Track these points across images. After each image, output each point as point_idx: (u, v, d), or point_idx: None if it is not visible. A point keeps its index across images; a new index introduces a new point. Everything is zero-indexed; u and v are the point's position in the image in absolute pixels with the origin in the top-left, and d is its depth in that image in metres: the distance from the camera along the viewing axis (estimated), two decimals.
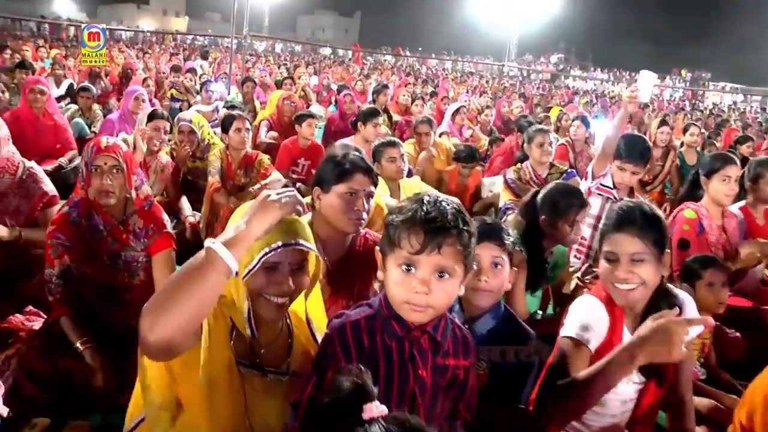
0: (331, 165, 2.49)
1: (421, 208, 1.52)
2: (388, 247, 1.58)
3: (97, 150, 2.80)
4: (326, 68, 21.63)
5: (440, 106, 9.76)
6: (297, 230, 1.70)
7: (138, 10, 66.00)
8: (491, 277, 2.13)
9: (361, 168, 2.47)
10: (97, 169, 2.78)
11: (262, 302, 1.72)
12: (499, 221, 2.41)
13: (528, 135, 4.89)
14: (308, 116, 6.26)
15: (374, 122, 5.61)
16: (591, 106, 16.47)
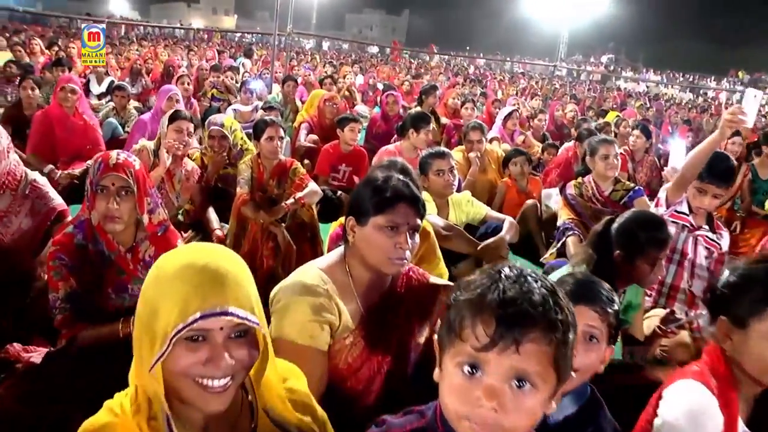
0: (369, 191, 2.03)
1: (495, 285, 1.09)
2: (447, 336, 1.15)
3: (104, 168, 2.41)
4: (372, 67, 21.25)
5: (490, 109, 9.28)
6: (229, 288, 1.21)
7: (188, 9, 66.75)
8: (582, 353, 1.63)
9: (406, 197, 2.01)
10: (102, 190, 2.40)
11: (193, 391, 1.22)
12: (598, 281, 1.86)
13: (591, 146, 4.40)
14: (351, 120, 5.86)
15: (426, 129, 5.24)
16: (645, 110, 15.75)
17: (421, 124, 5.24)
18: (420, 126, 5.24)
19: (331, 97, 6.91)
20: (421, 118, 5.30)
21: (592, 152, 4.35)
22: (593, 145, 4.37)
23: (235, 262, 1.26)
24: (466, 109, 7.94)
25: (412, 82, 14.61)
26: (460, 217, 3.94)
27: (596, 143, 4.35)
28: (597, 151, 4.31)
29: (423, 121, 5.26)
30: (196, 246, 1.31)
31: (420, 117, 5.34)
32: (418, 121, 5.26)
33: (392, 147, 5.52)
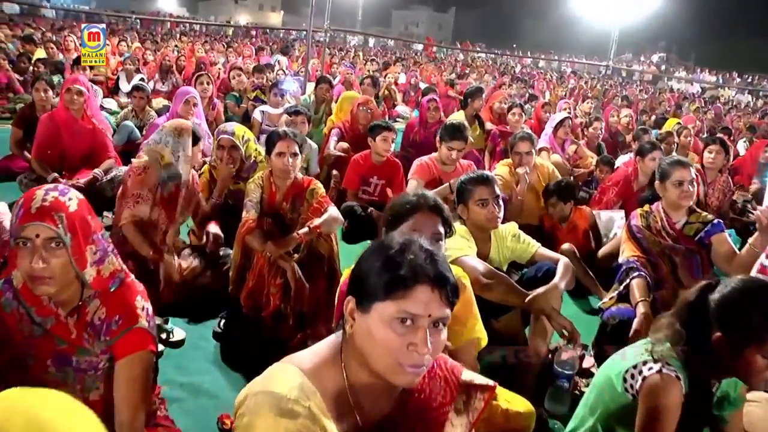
0: (377, 264, 1.45)
1: None
2: None
3: (24, 214, 1.79)
4: (415, 65, 20.59)
5: (540, 114, 8.56)
6: None
7: (236, 6, 66.87)
8: None
9: (428, 277, 1.41)
10: (25, 243, 1.79)
11: None
12: None
13: (662, 169, 3.71)
14: (384, 128, 5.28)
15: (449, 145, 4.76)
16: (702, 114, 14.81)
17: (448, 138, 4.77)
18: (445, 140, 4.78)
19: (365, 101, 6.31)
20: (453, 131, 4.77)
21: (663, 176, 3.67)
22: (665, 168, 3.69)
23: None
24: (513, 115, 7.24)
25: (457, 83, 13.97)
26: (503, 255, 3.32)
27: (668, 166, 3.67)
28: (669, 175, 3.63)
29: (454, 135, 4.76)
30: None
31: (453, 129, 4.81)
32: (449, 133, 4.80)
33: (428, 159, 4.94)
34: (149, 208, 3.54)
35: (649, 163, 5.19)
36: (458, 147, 4.73)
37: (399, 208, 2.29)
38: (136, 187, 3.53)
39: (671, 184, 3.60)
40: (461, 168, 4.89)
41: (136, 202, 3.49)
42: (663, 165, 3.72)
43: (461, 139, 4.73)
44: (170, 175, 3.62)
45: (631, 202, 5.32)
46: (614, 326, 3.26)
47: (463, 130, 4.78)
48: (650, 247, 3.59)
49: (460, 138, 4.72)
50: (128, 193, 3.54)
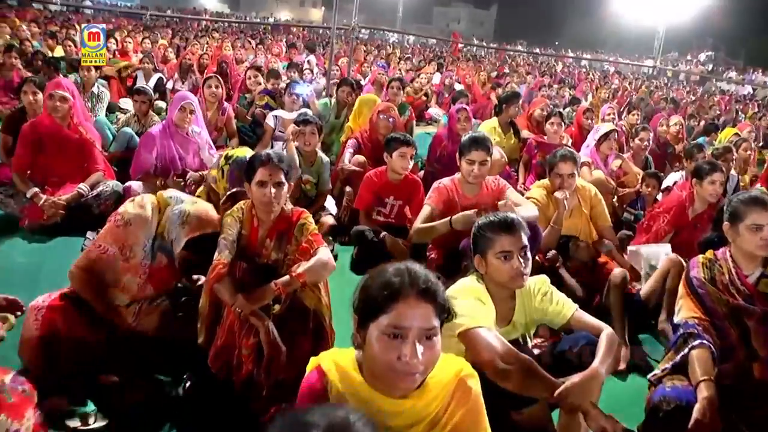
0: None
1: None
2: None
3: None
4: (452, 63, 19.85)
5: (581, 120, 7.83)
6: None
7: (277, 2, 66.71)
8: None
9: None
10: None
11: None
12: None
13: (733, 208, 3.00)
14: (401, 143, 4.67)
15: (469, 157, 4.17)
16: (758, 119, 13.82)
17: (466, 152, 4.14)
18: (464, 155, 4.15)
19: (386, 108, 5.67)
20: (471, 144, 4.13)
21: (735, 217, 2.96)
22: (737, 207, 2.98)
23: None
24: (552, 125, 6.50)
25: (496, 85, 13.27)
26: (530, 317, 2.68)
27: (742, 205, 2.96)
28: (743, 217, 2.92)
29: (469, 148, 4.12)
30: None
31: (466, 140, 4.19)
32: (462, 146, 4.19)
33: (448, 180, 4.28)
34: (116, 271, 2.94)
35: (708, 187, 4.49)
36: (479, 158, 4.07)
37: (375, 293, 1.67)
38: (108, 238, 2.95)
39: (746, 229, 2.91)
40: (488, 189, 4.26)
41: (102, 253, 2.91)
42: (735, 203, 3.02)
43: (481, 149, 4.07)
44: (161, 247, 3.04)
45: (687, 232, 4.64)
46: (668, 412, 2.58)
47: (482, 140, 4.11)
48: (715, 307, 2.90)
49: (480, 148, 4.06)
50: (101, 236, 2.98)
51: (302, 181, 5.24)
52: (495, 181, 4.34)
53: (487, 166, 4.12)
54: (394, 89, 7.56)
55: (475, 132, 4.25)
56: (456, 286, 2.58)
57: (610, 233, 4.57)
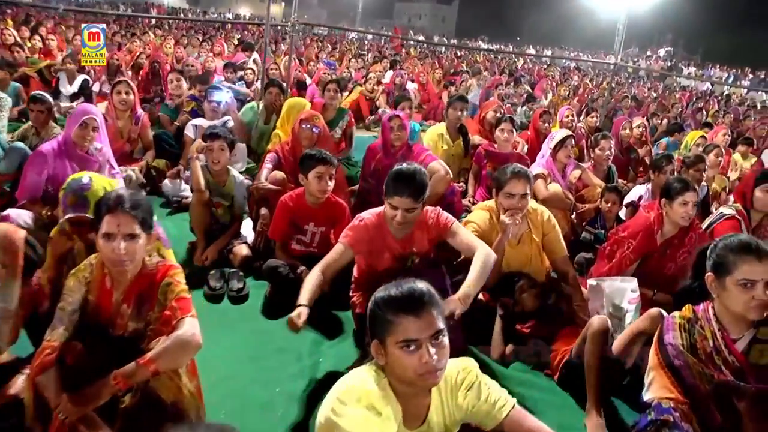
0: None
1: None
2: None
3: None
4: (412, 60, 19.10)
5: (537, 123, 7.18)
6: None
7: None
8: None
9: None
10: None
11: None
12: None
13: (718, 256, 2.33)
14: (317, 161, 3.95)
15: (390, 202, 3.29)
16: (721, 117, 13.34)
17: (387, 189, 3.29)
18: (386, 192, 3.30)
19: (308, 116, 4.89)
20: (392, 180, 3.28)
21: (721, 268, 2.30)
22: (723, 255, 2.30)
23: None
24: (502, 132, 5.78)
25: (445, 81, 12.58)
26: (452, 418, 2.00)
27: (731, 253, 2.27)
28: (731, 268, 2.26)
29: (388, 185, 3.28)
30: None
31: (390, 178, 3.31)
32: (386, 184, 3.30)
33: (372, 215, 3.44)
34: None
35: (679, 208, 3.85)
36: (404, 206, 3.21)
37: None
38: None
39: (735, 285, 2.24)
40: (425, 228, 3.45)
41: None
42: (721, 250, 2.34)
43: (405, 194, 3.19)
44: None
45: (655, 259, 3.99)
46: None
47: (410, 181, 3.22)
48: (696, 383, 2.23)
49: (404, 193, 3.19)
50: None
51: (213, 204, 4.50)
52: (434, 216, 3.46)
53: (415, 213, 3.28)
54: (330, 92, 6.81)
55: (406, 166, 3.29)
56: (345, 383, 1.87)
57: (566, 264, 3.90)
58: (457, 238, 3.37)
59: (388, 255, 3.38)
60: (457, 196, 5.00)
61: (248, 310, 3.91)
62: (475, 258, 3.20)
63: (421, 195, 3.20)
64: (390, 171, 3.28)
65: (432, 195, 4.73)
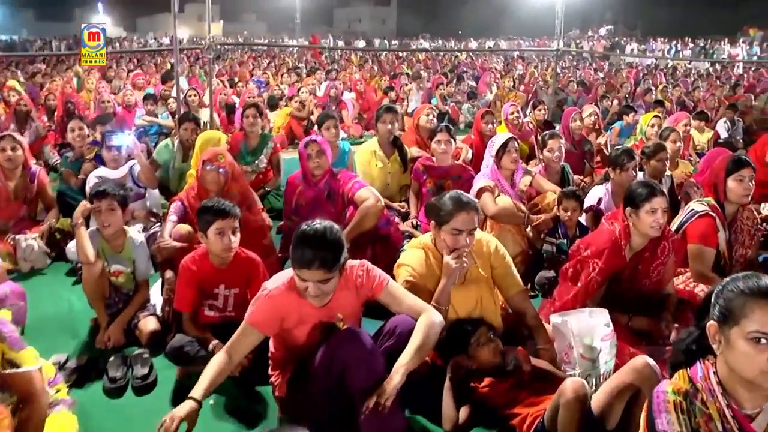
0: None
1: None
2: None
3: None
4: (356, 67, 18.48)
5: (480, 126, 6.61)
6: None
7: (176, 20, 64.09)
8: None
9: None
10: None
11: None
12: None
13: (725, 300, 1.73)
14: (215, 214, 3.31)
15: (299, 274, 2.66)
16: (670, 93, 12.90)
17: (294, 261, 2.63)
18: (293, 263, 2.65)
19: (211, 156, 4.17)
20: (296, 248, 2.60)
21: (729, 316, 1.70)
22: (731, 299, 1.70)
23: None
24: (438, 143, 5.16)
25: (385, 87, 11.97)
26: None
27: (742, 297, 1.67)
28: (741, 317, 1.68)
29: (294, 257, 2.62)
30: None
31: (295, 244, 2.62)
32: (292, 255, 2.63)
33: (287, 279, 2.76)
34: None
35: (647, 217, 3.31)
36: (314, 278, 2.57)
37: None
38: None
39: (744, 340, 1.66)
40: (348, 288, 2.82)
41: None
42: (730, 292, 1.73)
43: (314, 265, 2.54)
44: None
45: (626, 278, 3.44)
46: None
47: (318, 248, 2.54)
48: None
49: (312, 264, 2.54)
50: None
51: (111, 273, 3.82)
52: (362, 274, 2.82)
53: (331, 284, 2.63)
54: (249, 118, 6.15)
55: (312, 227, 2.57)
56: None
57: (523, 301, 3.30)
58: (395, 300, 2.79)
59: (307, 327, 2.76)
60: (393, 227, 4.38)
61: (154, 402, 3.24)
62: (418, 325, 2.63)
63: (336, 263, 2.57)
64: (295, 233, 2.63)
65: (363, 228, 4.14)
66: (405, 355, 2.53)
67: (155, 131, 8.83)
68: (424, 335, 2.60)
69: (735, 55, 30.19)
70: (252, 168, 6.19)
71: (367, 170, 5.63)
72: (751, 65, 22.98)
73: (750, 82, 16.96)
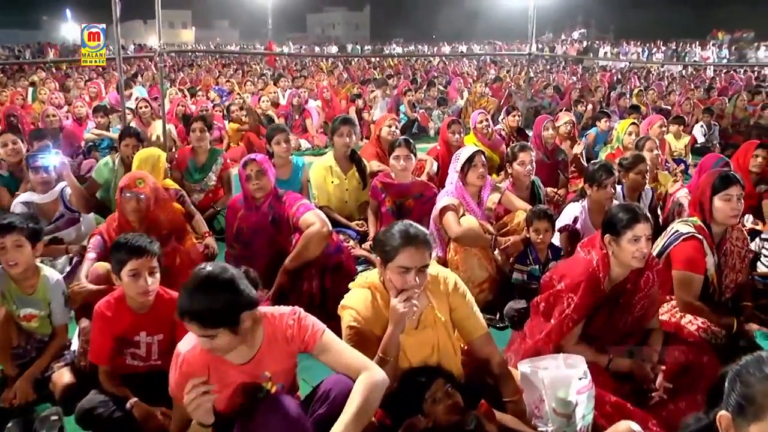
0: None
1: None
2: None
3: None
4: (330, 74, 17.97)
5: (446, 136, 6.20)
6: None
7: (145, 26, 63.25)
8: None
9: None
10: None
11: None
12: None
13: (744, 385, 1.32)
14: (131, 253, 2.84)
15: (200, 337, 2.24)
16: (644, 96, 12.57)
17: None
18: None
19: (131, 181, 3.62)
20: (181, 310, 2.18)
21: (744, 408, 1.30)
22: (752, 384, 1.31)
23: None
24: (397, 159, 4.73)
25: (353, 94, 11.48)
26: None
27: (760, 383, 1.29)
28: (761, 411, 1.26)
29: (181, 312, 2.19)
30: None
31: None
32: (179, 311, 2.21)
33: (192, 344, 2.34)
34: None
35: (629, 246, 2.89)
36: (199, 334, 2.16)
37: None
38: None
39: None
40: (276, 350, 2.38)
41: None
42: (751, 378, 1.33)
43: (185, 318, 2.14)
44: None
45: (604, 313, 3.03)
46: None
47: (193, 302, 2.13)
48: None
49: (182, 317, 2.15)
50: None
51: (20, 318, 3.32)
52: (294, 324, 2.38)
53: (219, 341, 2.17)
54: (196, 132, 5.69)
55: (197, 273, 2.12)
56: None
57: (487, 346, 2.83)
58: (330, 356, 2.35)
59: (230, 390, 2.31)
60: (345, 254, 3.90)
61: None
62: (356, 387, 2.21)
63: (213, 319, 2.14)
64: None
65: (307, 256, 3.69)
66: (338, 426, 2.08)
67: (106, 145, 8.31)
68: (362, 400, 2.16)
69: (706, 57, 30.32)
70: (200, 186, 5.74)
71: (322, 187, 5.19)
72: (721, 68, 22.94)
73: (722, 85, 16.80)
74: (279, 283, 3.73)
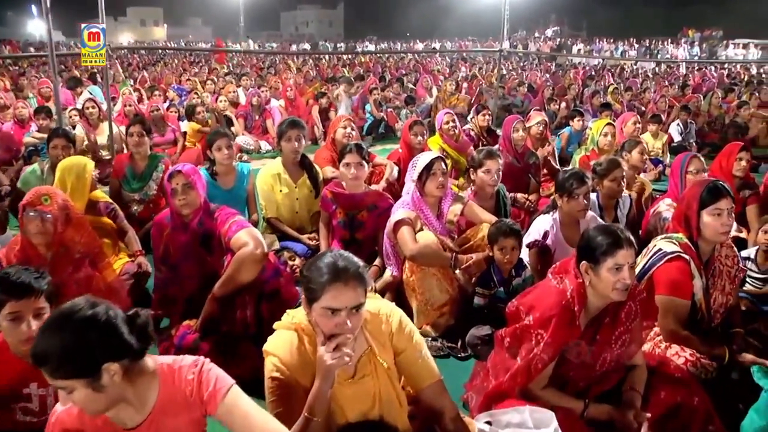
0: None
1: None
2: None
3: None
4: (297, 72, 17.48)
5: (407, 138, 5.72)
6: None
7: (116, 23, 62.26)
8: None
9: None
10: None
11: None
12: None
13: None
14: (12, 293, 2.35)
15: None
16: (619, 95, 12.22)
17: None
18: None
19: (34, 197, 3.01)
20: None
21: None
22: None
23: None
24: (347, 167, 4.20)
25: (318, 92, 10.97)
26: None
27: None
28: None
29: None
30: None
31: None
32: None
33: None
34: None
35: (608, 276, 2.44)
36: (58, 387, 1.73)
37: None
38: None
39: None
40: (172, 419, 1.92)
41: None
42: None
43: (36, 363, 1.71)
44: None
45: (578, 354, 2.57)
46: None
47: (44, 344, 1.70)
48: None
49: (35, 362, 1.71)
50: None
51: None
52: (193, 380, 1.93)
53: (78, 396, 1.74)
54: (134, 137, 5.16)
55: (60, 312, 1.69)
56: None
57: (439, 396, 2.34)
58: (235, 421, 1.89)
59: None
60: (285, 278, 3.41)
61: None
62: None
63: (68, 368, 1.70)
64: None
65: (239, 282, 3.22)
66: None
67: None
68: None
69: (676, 55, 30.38)
70: (140, 196, 5.21)
71: (270, 197, 4.70)
72: (694, 65, 22.84)
73: (696, 82, 16.59)
74: (207, 311, 3.23)
